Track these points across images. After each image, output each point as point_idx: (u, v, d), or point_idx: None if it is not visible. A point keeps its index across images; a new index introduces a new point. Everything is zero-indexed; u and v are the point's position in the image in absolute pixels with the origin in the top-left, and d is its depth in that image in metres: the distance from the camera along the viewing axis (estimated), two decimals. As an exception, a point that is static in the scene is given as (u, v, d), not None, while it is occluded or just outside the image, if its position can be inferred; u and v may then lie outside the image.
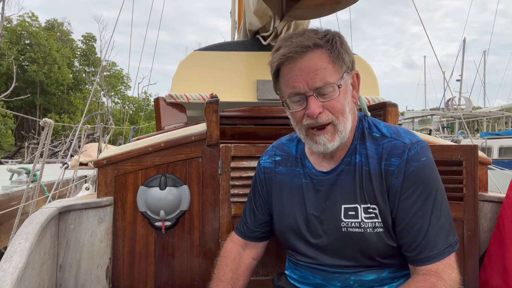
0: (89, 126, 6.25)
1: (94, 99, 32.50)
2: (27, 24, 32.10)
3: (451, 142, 4.90)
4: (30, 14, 32.87)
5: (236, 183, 1.61)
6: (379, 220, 1.13)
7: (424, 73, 60.26)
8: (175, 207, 1.60)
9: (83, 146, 10.17)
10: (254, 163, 1.57)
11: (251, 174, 1.51)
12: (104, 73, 35.71)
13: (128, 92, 40.33)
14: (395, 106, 1.72)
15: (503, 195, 1.58)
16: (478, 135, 16.35)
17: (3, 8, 26.15)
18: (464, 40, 35.33)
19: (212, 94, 2.19)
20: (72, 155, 10.57)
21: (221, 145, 1.62)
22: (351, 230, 1.15)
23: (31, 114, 30.43)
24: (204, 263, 1.62)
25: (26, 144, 23.51)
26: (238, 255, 1.37)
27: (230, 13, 6.14)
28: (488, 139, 13.22)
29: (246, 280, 1.37)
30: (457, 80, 34.96)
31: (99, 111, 30.47)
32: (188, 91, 2.65)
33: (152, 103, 6.58)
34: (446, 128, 23.14)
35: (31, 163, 10.34)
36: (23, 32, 31.87)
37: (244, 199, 1.48)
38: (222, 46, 2.83)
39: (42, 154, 3.65)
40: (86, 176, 6.58)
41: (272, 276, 1.43)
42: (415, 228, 1.10)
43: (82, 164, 8.70)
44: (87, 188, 3.73)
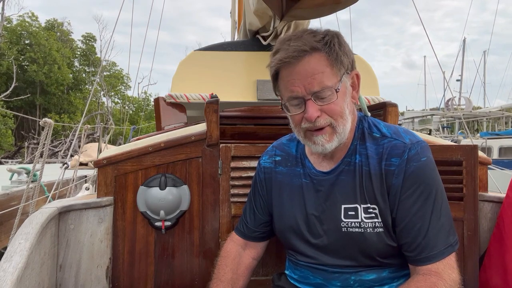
0: (89, 126, 6.25)
1: (94, 99, 32.52)
2: (27, 24, 32.11)
3: (451, 142, 4.90)
4: (30, 14, 32.94)
5: (236, 183, 1.61)
6: (379, 220, 1.13)
7: (424, 73, 60.41)
8: (175, 207, 1.60)
9: (83, 146, 10.16)
10: (254, 163, 1.57)
11: (251, 174, 1.51)
12: (104, 73, 35.71)
13: (128, 92, 40.41)
14: (395, 106, 1.72)
15: (503, 195, 1.58)
16: (478, 135, 16.36)
17: (3, 8, 26.20)
18: (464, 40, 35.37)
19: (212, 94, 2.19)
20: (72, 155, 10.56)
21: (221, 145, 1.62)
22: (351, 230, 1.15)
23: (31, 114, 30.44)
24: (204, 263, 1.62)
25: (26, 144, 23.52)
26: (238, 255, 1.37)
27: (230, 13, 6.14)
28: (488, 139, 13.23)
29: (246, 280, 1.37)
30: (457, 80, 34.99)
31: (99, 111, 30.47)
32: (188, 91, 2.65)
33: (152, 103, 6.58)
34: (446, 128, 23.15)
35: (31, 163, 10.34)
36: (23, 32, 31.88)
37: (244, 199, 1.48)
38: (222, 46, 2.83)
39: (42, 154, 3.65)
40: (86, 176, 6.58)
41: (272, 276, 1.43)
42: (415, 228, 1.10)
43: (82, 164, 8.70)
44: (87, 188, 3.73)
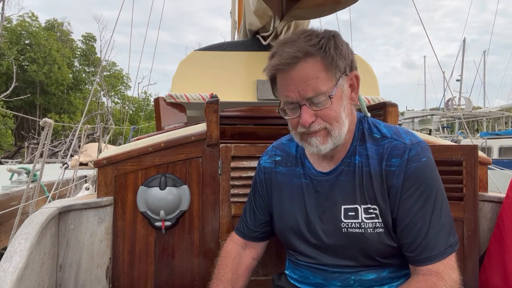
0: (89, 126, 6.24)
1: (94, 99, 32.49)
2: (27, 24, 32.08)
3: (451, 142, 4.90)
4: (30, 14, 32.89)
5: (236, 183, 1.61)
6: (380, 220, 1.13)
7: (424, 73, 60.51)
8: (175, 207, 1.60)
9: (83, 146, 10.17)
10: (254, 163, 1.57)
11: (251, 174, 1.51)
12: (104, 73, 35.70)
13: (128, 92, 40.36)
14: (395, 106, 1.72)
15: (503, 195, 1.58)
16: (478, 135, 16.35)
17: (3, 8, 26.17)
18: (464, 40, 35.37)
19: (212, 94, 2.19)
20: (72, 155, 10.57)
21: (221, 145, 1.62)
22: (351, 230, 1.15)
23: (31, 114, 30.43)
24: (204, 263, 1.62)
25: (26, 144, 23.50)
26: (238, 255, 1.37)
27: (230, 13, 6.14)
28: (488, 139, 13.22)
29: (246, 280, 1.37)
30: (457, 80, 34.99)
31: (99, 111, 30.46)
32: (188, 91, 2.65)
33: (152, 103, 6.58)
34: (446, 128, 23.15)
35: (31, 163, 10.34)
36: (23, 32, 31.86)
37: (244, 199, 1.48)
38: (222, 46, 2.83)
39: (42, 154, 3.65)
40: (86, 176, 6.58)
41: (272, 276, 1.43)
42: (415, 229, 1.10)
43: (82, 164, 8.71)
44: (87, 188, 3.73)
